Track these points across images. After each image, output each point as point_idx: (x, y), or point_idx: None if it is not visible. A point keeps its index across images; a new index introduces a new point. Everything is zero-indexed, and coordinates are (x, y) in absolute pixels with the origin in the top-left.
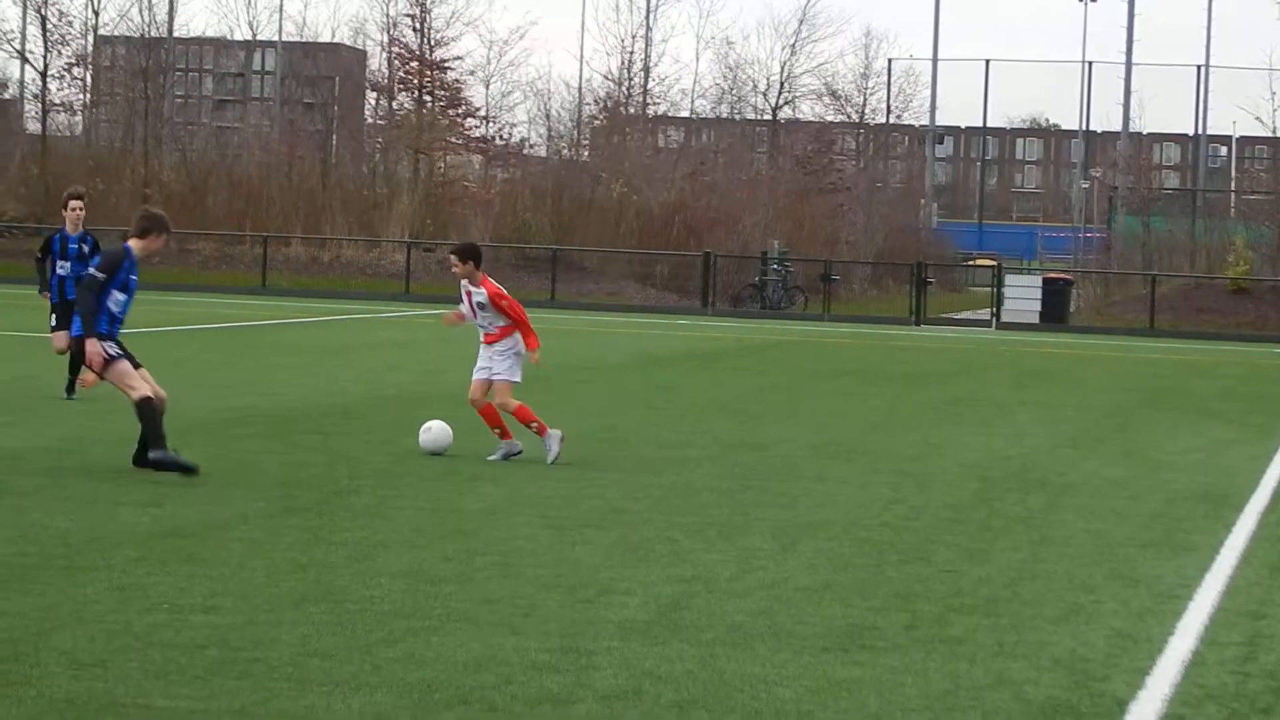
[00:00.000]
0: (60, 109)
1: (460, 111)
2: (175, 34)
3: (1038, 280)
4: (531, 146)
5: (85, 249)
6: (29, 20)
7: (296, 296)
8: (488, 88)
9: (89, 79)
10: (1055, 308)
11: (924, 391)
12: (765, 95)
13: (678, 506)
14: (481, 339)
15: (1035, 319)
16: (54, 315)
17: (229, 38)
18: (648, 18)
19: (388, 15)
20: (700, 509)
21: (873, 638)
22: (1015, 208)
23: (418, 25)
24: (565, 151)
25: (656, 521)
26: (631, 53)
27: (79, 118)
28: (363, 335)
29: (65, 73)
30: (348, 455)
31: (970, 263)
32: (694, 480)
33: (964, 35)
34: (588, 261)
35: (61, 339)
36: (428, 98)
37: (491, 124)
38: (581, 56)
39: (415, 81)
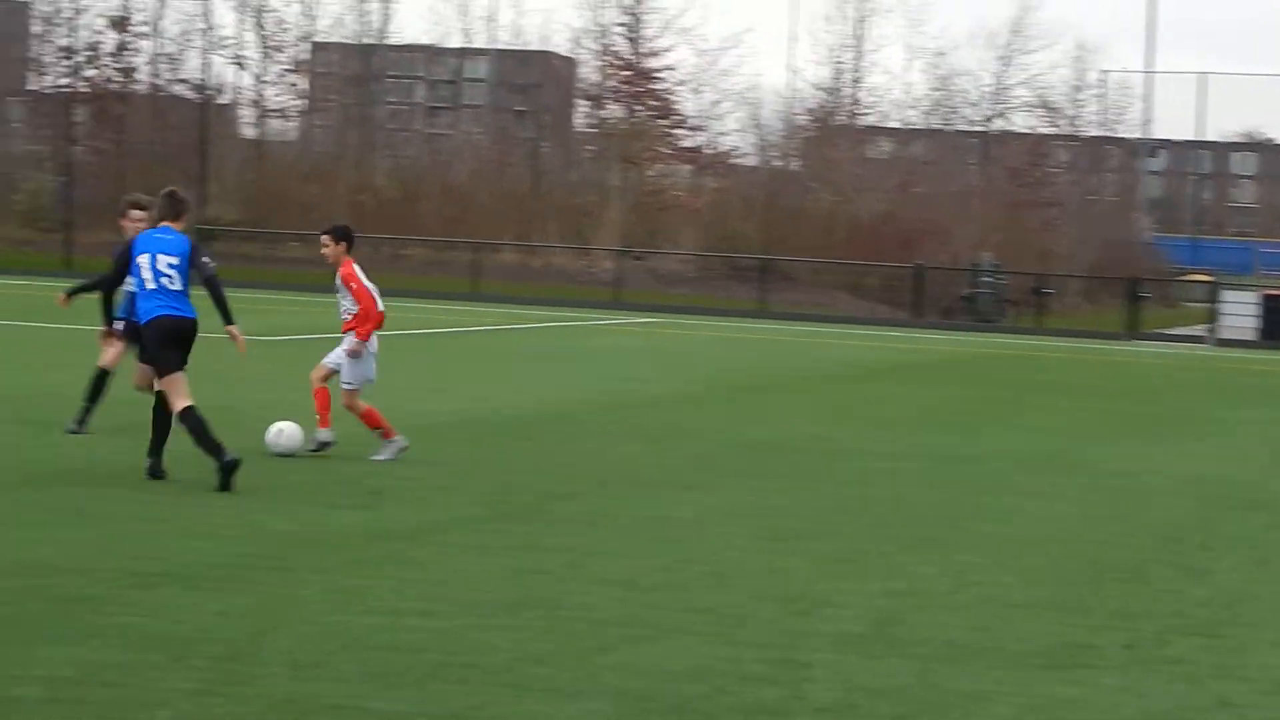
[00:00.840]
0: (276, 115)
1: (670, 120)
2: (388, 41)
3: (1256, 297)
4: (741, 155)
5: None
6: (246, 26)
7: (507, 303)
8: (698, 96)
9: (304, 85)
10: (1276, 325)
11: (1140, 407)
12: (976, 106)
13: (890, 518)
14: (342, 327)
15: (1254, 336)
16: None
17: (441, 45)
18: (857, 28)
19: (600, 24)
20: (913, 521)
21: (1091, 656)
22: (1230, 222)
23: (629, 34)
24: (775, 161)
25: (870, 533)
26: (841, 62)
27: (294, 124)
28: (572, 342)
29: (281, 79)
30: (559, 461)
31: (1184, 278)
32: (906, 492)
33: (1178, 47)
34: (797, 272)
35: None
36: (638, 106)
37: (701, 133)
38: (792, 66)
39: (626, 90)
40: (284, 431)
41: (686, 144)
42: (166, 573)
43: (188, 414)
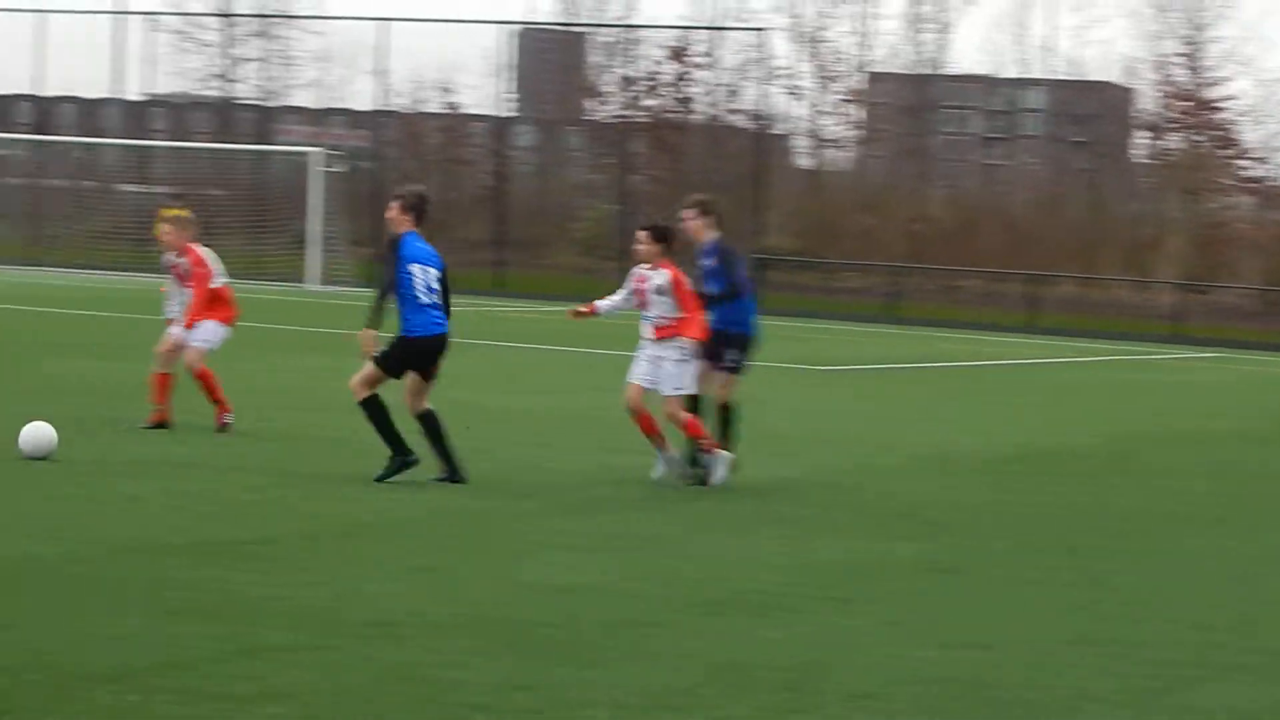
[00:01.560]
0: (831, 145)
1: (1232, 151)
2: (944, 71)
3: None
4: None
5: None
6: (802, 57)
7: (1064, 335)
8: (1260, 127)
9: (860, 115)
10: None
11: None
12: None
13: None
14: (650, 333)
15: None
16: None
17: (997, 75)
18: None
19: (1159, 54)
20: None
21: None
22: None
23: (1189, 64)
24: None
25: None
26: None
27: (849, 154)
28: (1133, 376)
29: (836, 109)
30: (1121, 496)
31: None
32: None
33: None
34: None
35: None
36: (1198, 137)
37: (1264, 164)
38: None
39: (1186, 120)
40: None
41: (1249, 175)
42: (721, 600)
43: (370, 401)
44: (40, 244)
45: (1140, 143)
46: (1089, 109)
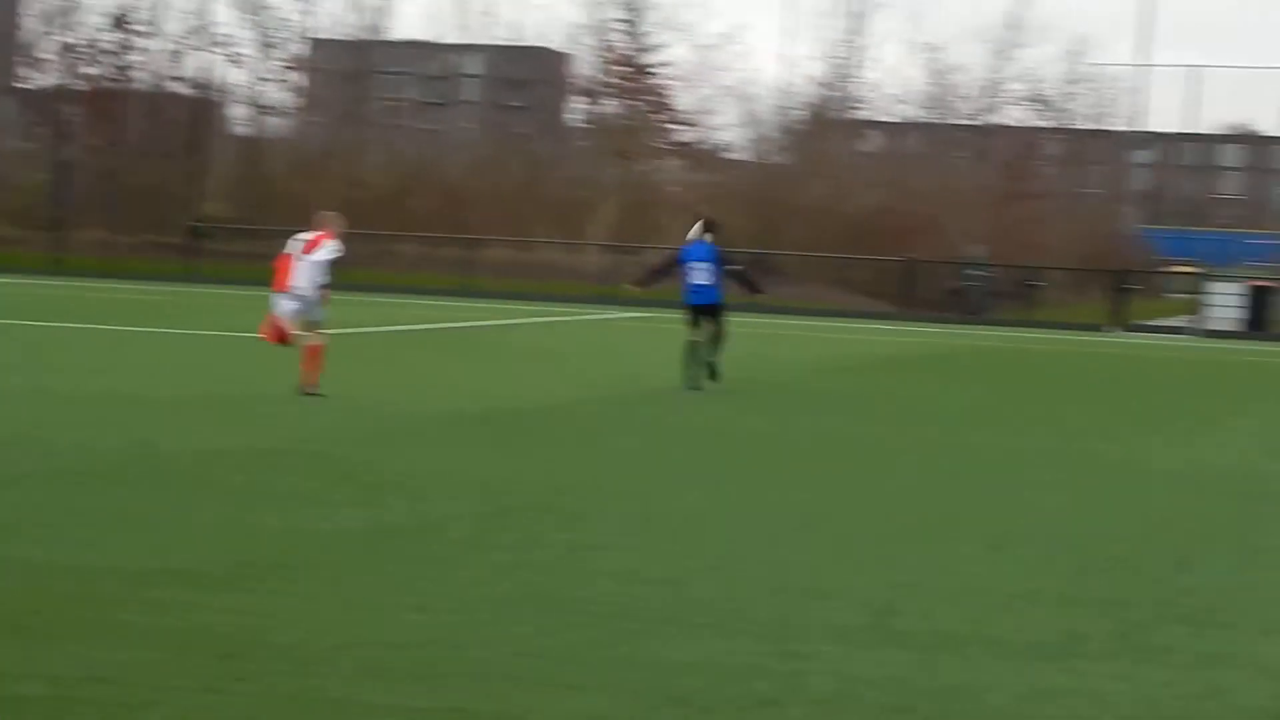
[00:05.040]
0: (272, 112)
1: (665, 116)
2: (385, 37)
3: (1242, 288)
4: (735, 150)
5: None
6: (244, 24)
7: (498, 298)
8: (693, 92)
9: (301, 82)
10: (1261, 316)
11: (1128, 399)
12: (971, 101)
13: (885, 510)
14: None
15: (1238, 326)
16: None
17: (437, 41)
18: (854, 23)
19: (598, 20)
20: (906, 513)
21: (1082, 645)
22: (1216, 215)
23: (628, 30)
24: (770, 156)
25: (865, 525)
26: (837, 57)
27: (290, 120)
28: (566, 338)
29: (277, 76)
30: (553, 457)
31: (1171, 269)
32: (900, 484)
33: (1171, 42)
34: (789, 266)
35: None
36: (633, 102)
37: (696, 128)
38: (787, 61)
39: (622, 85)
40: None
41: (680, 139)
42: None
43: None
44: None
45: (576, 108)
46: (527, 74)
